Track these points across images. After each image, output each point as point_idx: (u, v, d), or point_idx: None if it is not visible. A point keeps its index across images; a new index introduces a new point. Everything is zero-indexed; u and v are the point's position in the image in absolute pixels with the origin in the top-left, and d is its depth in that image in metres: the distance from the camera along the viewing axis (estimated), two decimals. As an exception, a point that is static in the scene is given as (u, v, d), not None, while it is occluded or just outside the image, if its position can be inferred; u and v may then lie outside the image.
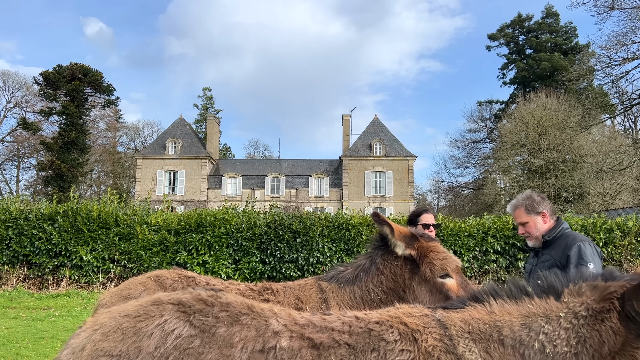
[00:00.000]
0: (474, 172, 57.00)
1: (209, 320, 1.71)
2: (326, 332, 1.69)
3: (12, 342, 7.26)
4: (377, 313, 1.81)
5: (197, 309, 1.75)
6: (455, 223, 12.11)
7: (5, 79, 57.65)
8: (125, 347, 1.66)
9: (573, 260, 3.13)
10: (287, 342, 1.66)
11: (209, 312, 1.74)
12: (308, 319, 1.77)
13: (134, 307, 1.80)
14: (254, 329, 1.70)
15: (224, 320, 1.72)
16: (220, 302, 1.79)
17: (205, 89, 76.84)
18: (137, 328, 1.70)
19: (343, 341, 1.66)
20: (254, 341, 1.66)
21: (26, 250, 11.37)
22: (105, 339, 1.68)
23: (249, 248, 11.31)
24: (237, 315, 1.74)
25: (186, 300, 1.79)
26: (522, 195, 3.52)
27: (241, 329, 1.70)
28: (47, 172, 49.74)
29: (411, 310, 1.81)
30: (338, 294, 2.79)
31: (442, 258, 2.66)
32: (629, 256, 11.81)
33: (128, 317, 1.74)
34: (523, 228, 3.45)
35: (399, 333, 1.69)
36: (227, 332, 1.68)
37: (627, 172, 30.66)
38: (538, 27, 56.03)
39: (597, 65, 26.95)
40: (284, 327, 1.71)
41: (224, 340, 1.67)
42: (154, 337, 1.67)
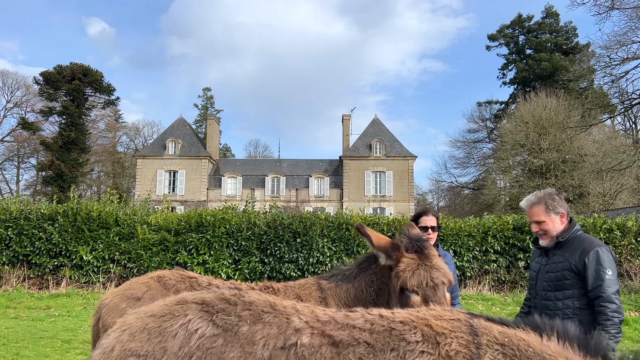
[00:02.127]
0: (474, 172, 57.04)
1: (231, 319, 1.74)
2: (347, 330, 1.69)
3: (12, 342, 7.26)
4: (405, 312, 1.80)
5: (220, 308, 1.78)
6: (455, 223, 12.11)
7: (4, 79, 57.66)
8: (151, 347, 1.69)
9: (591, 266, 3.08)
10: (307, 339, 1.67)
11: (231, 311, 1.77)
12: (331, 316, 1.77)
13: (160, 307, 1.83)
14: (275, 326, 1.72)
15: (247, 318, 1.74)
16: (243, 300, 1.82)
17: (205, 89, 76.91)
18: (162, 328, 1.73)
19: (362, 339, 1.66)
20: (276, 338, 1.68)
21: (26, 250, 11.37)
22: (133, 339, 1.73)
23: (249, 248, 11.31)
24: (260, 313, 1.76)
25: (210, 300, 1.82)
26: (542, 192, 3.38)
27: (263, 327, 1.72)
28: (47, 172, 49.73)
29: (444, 313, 1.78)
30: (335, 292, 2.84)
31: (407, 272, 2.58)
32: (629, 256, 11.82)
33: (154, 317, 1.78)
34: (538, 226, 3.33)
35: (422, 334, 1.66)
36: (249, 330, 1.70)
37: (627, 172, 30.65)
38: (538, 27, 56.01)
39: (597, 65, 26.95)
40: (305, 324, 1.72)
41: (246, 338, 1.69)
42: (178, 337, 1.70)
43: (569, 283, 3.18)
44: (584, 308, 3.13)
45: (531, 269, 3.53)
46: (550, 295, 3.26)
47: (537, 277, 3.40)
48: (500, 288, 11.88)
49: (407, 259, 2.64)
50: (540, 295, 3.35)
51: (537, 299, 3.38)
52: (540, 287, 3.36)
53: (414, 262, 2.62)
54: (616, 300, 3.03)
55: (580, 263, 3.13)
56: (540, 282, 3.36)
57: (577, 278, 3.15)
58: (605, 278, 3.04)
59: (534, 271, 3.47)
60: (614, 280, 3.06)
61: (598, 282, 3.05)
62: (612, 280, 3.06)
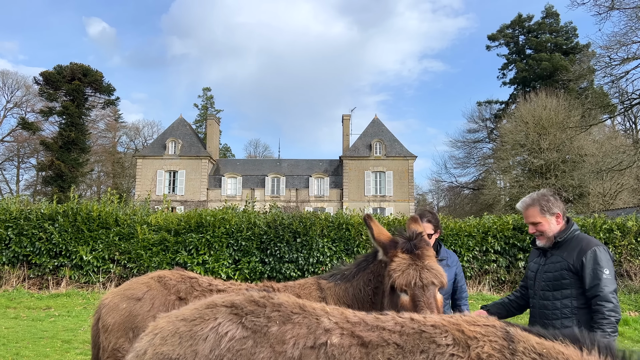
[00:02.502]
0: (474, 172, 57.02)
1: (260, 321, 1.77)
2: (376, 331, 1.70)
3: (12, 342, 7.26)
4: (438, 317, 1.79)
5: (249, 310, 1.81)
6: (455, 223, 12.12)
7: (4, 79, 57.67)
8: (182, 350, 1.73)
9: (589, 265, 3.10)
10: (337, 339, 1.69)
11: (260, 313, 1.80)
12: (361, 317, 1.78)
13: (190, 311, 1.87)
14: (305, 326, 1.74)
15: (276, 319, 1.77)
16: (272, 302, 1.84)
17: (205, 89, 76.89)
18: (193, 332, 1.77)
19: (392, 341, 1.67)
20: (306, 338, 1.70)
21: (26, 251, 11.37)
22: (164, 343, 1.77)
23: (249, 248, 11.31)
24: (289, 314, 1.79)
25: (239, 302, 1.85)
26: (536, 193, 3.41)
27: (293, 327, 1.74)
28: (47, 172, 49.72)
29: (478, 319, 1.76)
30: (335, 291, 2.85)
31: (398, 271, 2.58)
32: (629, 256, 11.82)
33: (184, 321, 1.82)
34: (534, 227, 3.36)
35: (453, 338, 1.65)
36: (279, 331, 1.73)
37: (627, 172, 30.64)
38: (538, 27, 56.01)
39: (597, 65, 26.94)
40: (335, 324, 1.74)
41: (276, 338, 1.72)
42: (208, 340, 1.74)
43: (567, 283, 3.20)
44: (582, 307, 3.15)
45: (529, 269, 3.54)
46: (549, 295, 3.28)
47: (536, 277, 3.42)
48: (500, 288, 11.88)
49: (400, 259, 2.64)
50: (538, 295, 3.37)
51: (536, 298, 3.40)
52: (538, 287, 3.37)
53: (405, 261, 2.62)
54: (613, 299, 3.05)
55: (578, 262, 3.15)
56: (538, 282, 3.38)
57: (575, 278, 3.17)
58: (602, 277, 3.06)
59: (532, 271, 3.48)
60: (611, 280, 3.08)
61: (595, 282, 3.07)
62: (610, 279, 3.07)
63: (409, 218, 3.21)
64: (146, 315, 2.70)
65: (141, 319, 2.69)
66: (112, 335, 2.71)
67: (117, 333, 2.70)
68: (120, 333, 2.70)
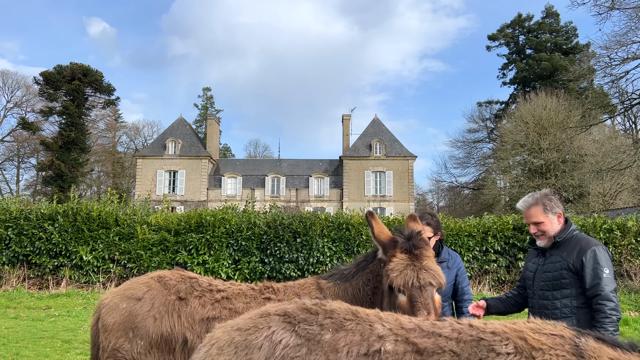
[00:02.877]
0: (474, 172, 57.00)
1: (313, 329, 1.77)
2: (432, 338, 1.66)
3: (12, 342, 7.26)
4: (498, 324, 1.72)
5: (302, 319, 1.82)
6: (455, 223, 12.12)
7: (4, 79, 57.67)
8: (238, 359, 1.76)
9: (589, 265, 3.11)
10: (391, 346, 1.66)
11: (313, 321, 1.80)
12: (416, 324, 1.75)
13: (244, 321, 1.90)
14: (358, 333, 1.72)
15: (329, 327, 1.76)
16: (324, 309, 1.84)
17: (205, 89, 76.88)
18: (248, 341, 1.79)
19: (448, 348, 1.62)
20: (359, 345, 1.69)
21: (26, 250, 11.37)
22: (221, 353, 1.80)
23: (249, 248, 11.31)
24: (342, 321, 1.78)
25: (291, 311, 1.86)
26: (538, 193, 3.41)
27: (346, 335, 1.73)
28: (47, 172, 49.72)
29: (543, 326, 1.68)
30: (334, 291, 2.85)
31: (395, 272, 2.58)
32: (629, 256, 11.82)
33: (239, 330, 1.85)
34: (536, 227, 3.35)
35: (515, 347, 1.57)
36: (332, 338, 1.72)
37: (627, 172, 30.64)
38: (538, 27, 55.99)
39: (597, 65, 26.92)
40: (389, 331, 1.71)
41: (330, 346, 1.71)
42: (263, 348, 1.75)
43: (567, 282, 3.21)
44: (581, 307, 3.16)
45: (527, 269, 3.54)
46: (548, 294, 3.28)
47: (534, 277, 3.42)
48: (500, 288, 11.89)
49: (398, 258, 2.64)
50: (537, 295, 3.37)
51: (535, 298, 3.40)
52: (537, 287, 3.37)
53: (403, 261, 2.62)
54: (614, 298, 3.06)
55: (578, 262, 3.15)
56: (537, 282, 3.38)
57: (575, 277, 3.18)
58: (603, 277, 3.08)
59: (531, 271, 3.47)
60: (611, 279, 3.10)
61: (596, 281, 3.08)
62: (610, 279, 3.09)
63: (408, 216, 3.20)
64: (146, 315, 2.70)
65: (141, 319, 2.68)
66: (112, 335, 2.71)
67: (117, 333, 2.70)
68: (120, 333, 2.70)
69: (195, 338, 2.64)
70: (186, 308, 2.72)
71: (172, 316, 2.69)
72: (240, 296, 2.81)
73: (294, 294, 2.83)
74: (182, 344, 2.65)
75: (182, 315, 2.69)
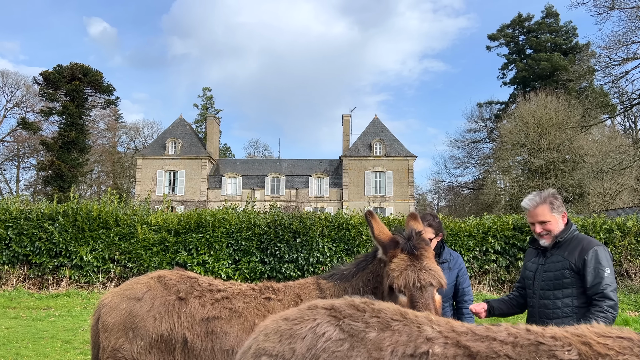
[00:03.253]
0: (474, 172, 57.00)
1: (358, 325, 1.76)
2: (486, 342, 1.58)
3: (12, 342, 7.26)
4: (559, 329, 1.62)
5: (348, 314, 1.82)
6: (455, 223, 12.11)
7: (4, 79, 57.67)
8: (281, 347, 1.80)
9: (590, 264, 3.12)
10: (440, 348, 1.60)
11: (359, 317, 1.79)
12: (469, 327, 1.69)
13: (293, 312, 1.95)
14: (405, 334, 1.69)
15: (374, 325, 1.75)
16: (372, 308, 1.84)
17: (205, 89, 76.86)
18: (293, 330, 1.83)
19: (503, 352, 1.53)
20: (405, 346, 1.64)
21: (26, 250, 11.37)
22: (267, 339, 1.87)
23: (249, 248, 11.31)
24: (389, 321, 1.76)
25: (338, 305, 1.87)
26: (544, 192, 3.39)
27: (392, 334, 1.70)
28: (47, 172, 49.71)
29: (610, 330, 1.56)
30: (334, 291, 2.84)
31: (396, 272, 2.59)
32: (629, 256, 11.81)
33: (286, 320, 1.89)
34: (542, 226, 3.33)
35: (579, 353, 1.47)
36: (377, 337, 1.70)
37: (627, 172, 30.62)
38: (538, 27, 55.99)
39: (597, 65, 26.92)
40: (438, 333, 1.66)
41: (374, 344, 1.68)
42: (306, 339, 1.78)
43: (568, 282, 3.21)
44: (582, 307, 3.17)
45: (527, 269, 3.53)
46: (549, 294, 3.28)
47: (535, 277, 3.41)
48: (500, 288, 11.89)
49: (399, 259, 2.64)
50: (538, 294, 3.37)
51: (535, 298, 3.39)
52: (538, 287, 3.37)
53: (404, 262, 2.62)
54: (613, 297, 3.08)
55: (580, 261, 3.16)
56: (538, 282, 3.38)
57: (577, 277, 3.19)
58: (604, 276, 3.09)
59: (531, 271, 3.47)
60: (612, 279, 3.12)
61: (597, 280, 3.10)
62: (611, 278, 3.11)
63: (408, 215, 3.19)
64: (146, 315, 2.69)
65: (141, 319, 2.68)
66: (112, 335, 2.71)
67: (117, 333, 2.70)
68: (120, 333, 2.70)
69: (195, 338, 2.64)
70: (186, 308, 2.72)
71: (172, 316, 2.69)
72: (240, 296, 2.80)
73: (294, 294, 2.83)
74: (182, 344, 2.65)
75: (182, 315, 2.69)
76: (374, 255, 2.91)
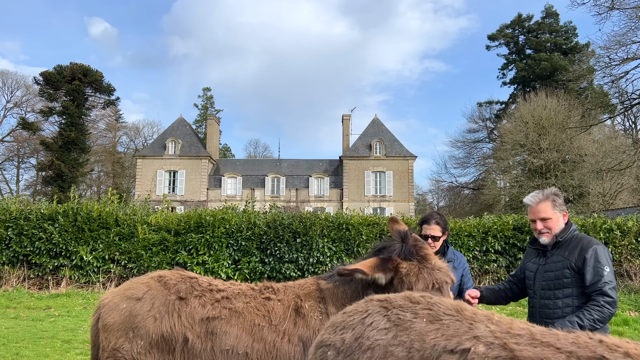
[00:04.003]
0: (474, 172, 57.02)
1: (405, 315, 1.78)
2: (538, 347, 1.46)
3: (12, 342, 7.26)
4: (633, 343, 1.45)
5: (398, 305, 1.85)
6: (455, 223, 12.11)
7: (4, 79, 57.67)
8: (335, 337, 1.90)
9: (590, 262, 3.14)
10: (484, 348, 1.53)
11: (409, 308, 1.82)
12: (531, 330, 1.57)
13: (352, 305, 2.03)
14: (453, 329, 1.66)
15: (423, 317, 1.75)
16: (428, 301, 1.84)
17: (205, 89, 76.88)
18: (346, 322, 1.92)
19: None
20: (448, 340, 1.61)
21: (26, 250, 11.37)
22: (326, 331, 2.00)
23: (249, 248, 11.31)
24: (440, 314, 1.74)
25: (392, 297, 1.92)
26: (547, 190, 3.40)
27: (439, 328, 1.68)
28: (47, 172, 49.70)
29: None
30: (334, 292, 2.83)
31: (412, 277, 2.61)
32: (629, 256, 11.81)
33: (344, 313, 1.99)
34: (543, 224, 3.33)
35: None
36: (423, 328, 1.70)
37: (627, 172, 30.62)
38: (538, 27, 56.00)
39: (597, 65, 26.92)
40: (490, 333, 1.57)
41: (418, 334, 1.69)
42: (355, 329, 1.86)
43: (568, 282, 3.23)
44: (582, 307, 3.17)
45: (527, 269, 3.54)
46: (550, 294, 3.29)
47: (535, 277, 3.42)
48: (500, 288, 11.89)
49: (406, 264, 2.65)
50: (538, 294, 3.37)
51: (536, 298, 3.40)
52: (538, 287, 3.38)
53: (414, 265, 2.64)
54: (612, 294, 3.10)
55: (580, 260, 3.18)
56: (538, 282, 3.38)
57: (577, 277, 3.20)
58: (604, 274, 3.11)
59: (531, 271, 3.47)
60: (611, 277, 3.14)
61: (597, 278, 3.12)
62: (610, 277, 3.13)
63: (390, 220, 3.16)
64: (146, 315, 2.69)
65: (141, 319, 2.68)
66: (112, 335, 2.71)
67: (117, 333, 2.70)
68: (120, 333, 2.70)
69: (195, 338, 2.63)
70: (186, 308, 2.71)
71: (172, 316, 2.69)
72: (240, 296, 2.80)
73: (294, 294, 2.83)
74: (182, 344, 2.64)
75: (182, 315, 2.69)
76: None
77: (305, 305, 2.73)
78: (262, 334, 2.62)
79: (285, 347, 2.59)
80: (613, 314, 3.13)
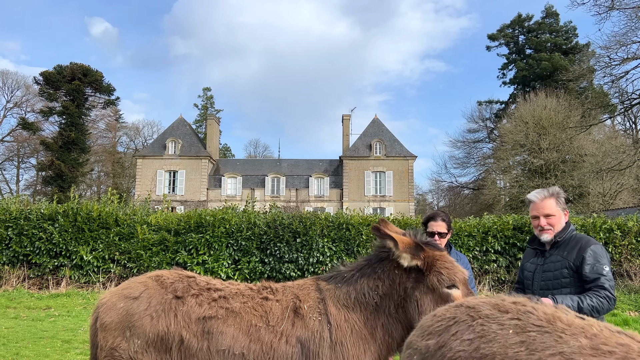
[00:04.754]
0: (474, 172, 57.00)
1: (491, 327, 1.68)
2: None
3: (12, 342, 7.26)
4: None
5: (484, 314, 1.76)
6: (455, 223, 12.11)
7: (4, 79, 57.67)
8: (420, 342, 1.89)
9: (589, 261, 3.15)
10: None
11: (495, 318, 1.71)
12: (628, 347, 1.42)
13: (441, 309, 2.00)
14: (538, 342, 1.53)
15: (510, 327, 1.64)
16: (518, 309, 1.71)
17: (205, 89, 76.90)
18: (433, 327, 1.89)
19: None
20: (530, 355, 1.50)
21: (26, 250, 11.37)
22: (415, 333, 1.99)
23: (249, 248, 11.31)
24: (528, 325, 1.61)
25: (481, 305, 1.82)
26: (551, 188, 3.42)
27: (524, 340, 1.56)
28: (47, 172, 49.71)
29: None
30: (334, 293, 2.80)
31: (449, 268, 2.66)
32: (629, 256, 11.81)
33: (434, 316, 1.98)
34: (546, 220, 3.33)
35: None
36: (507, 341, 1.59)
37: (627, 172, 30.60)
38: (538, 27, 55.99)
39: (597, 65, 26.91)
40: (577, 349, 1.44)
41: (500, 347, 1.59)
42: (441, 336, 1.82)
43: (567, 281, 3.23)
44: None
45: (525, 269, 3.55)
46: (548, 294, 3.29)
47: (534, 277, 3.43)
48: (500, 288, 11.88)
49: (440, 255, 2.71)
50: (537, 294, 3.37)
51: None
52: (537, 287, 3.39)
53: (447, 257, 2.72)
54: (612, 292, 3.12)
55: (579, 259, 3.19)
56: (537, 282, 3.39)
57: (575, 276, 3.21)
58: (603, 272, 3.13)
59: (529, 271, 3.49)
60: (610, 277, 3.16)
61: (596, 276, 3.13)
62: (609, 275, 3.16)
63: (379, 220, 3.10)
64: (143, 314, 2.69)
65: (138, 318, 2.68)
66: (110, 334, 2.71)
67: (114, 332, 2.70)
68: (117, 332, 2.70)
69: (191, 337, 2.62)
70: (183, 307, 2.70)
71: (168, 315, 2.68)
72: (237, 296, 2.79)
73: (293, 294, 2.81)
74: (178, 343, 2.63)
75: (179, 314, 2.68)
76: (378, 260, 2.84)
77: (304, 305, 2.70)
78: (259, 334, 2.60)
79: (282, 348, 2.58)
80: (610, 310, 3.15)
